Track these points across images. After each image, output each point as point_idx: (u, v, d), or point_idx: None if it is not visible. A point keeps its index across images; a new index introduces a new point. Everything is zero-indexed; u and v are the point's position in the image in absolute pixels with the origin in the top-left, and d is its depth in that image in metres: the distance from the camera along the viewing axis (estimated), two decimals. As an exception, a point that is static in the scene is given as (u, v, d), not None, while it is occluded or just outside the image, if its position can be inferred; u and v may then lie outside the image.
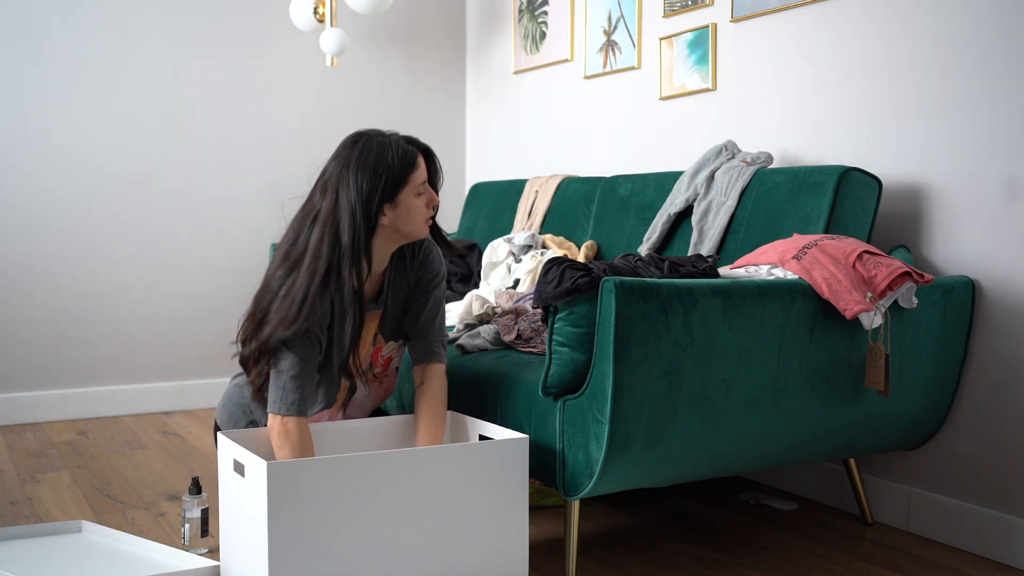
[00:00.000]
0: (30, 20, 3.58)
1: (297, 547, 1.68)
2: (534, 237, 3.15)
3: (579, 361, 1.89)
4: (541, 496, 2.55)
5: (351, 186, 1.96)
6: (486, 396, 2.17)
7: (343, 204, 1.96)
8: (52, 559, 2.10)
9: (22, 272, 3.60)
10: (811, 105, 2.66)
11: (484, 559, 1.85)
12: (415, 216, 2.03)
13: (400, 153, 2.00)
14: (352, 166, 1.97)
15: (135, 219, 3.78)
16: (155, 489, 2.71)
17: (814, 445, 2.12)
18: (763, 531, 2.38)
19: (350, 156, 1.99)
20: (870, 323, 1.98)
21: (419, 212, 2.03)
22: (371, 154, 1.99)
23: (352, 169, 1.97)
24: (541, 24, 3.83)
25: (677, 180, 2.75)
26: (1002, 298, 2.20)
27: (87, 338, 3.71)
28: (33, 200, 3.61)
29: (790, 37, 2.72)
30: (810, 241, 2.08)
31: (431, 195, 2.06)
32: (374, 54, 4.24)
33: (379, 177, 1.97)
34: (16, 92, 3.56)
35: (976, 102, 2.24)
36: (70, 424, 3.61)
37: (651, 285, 1.80)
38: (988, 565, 2.17)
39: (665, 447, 1.87)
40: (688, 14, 3.08)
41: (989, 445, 2.23)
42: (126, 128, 3.75)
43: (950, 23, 2.30)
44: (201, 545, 2.19)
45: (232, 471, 1.84)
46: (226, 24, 3.92)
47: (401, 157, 2.00)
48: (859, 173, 2.32)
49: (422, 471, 1.78)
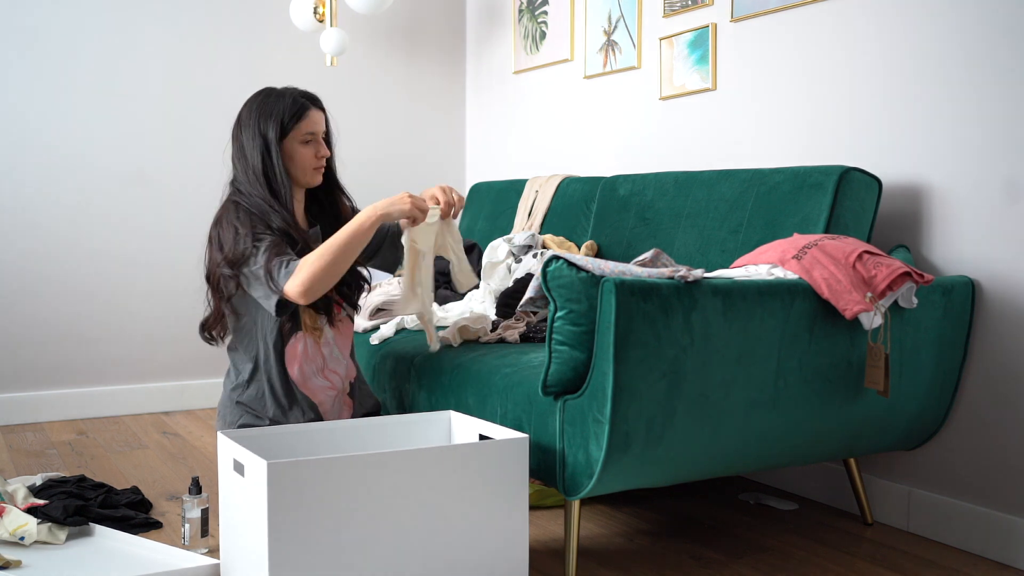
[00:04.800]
0: (30, 20, 3.58)
1: (297, 547, 1.68)
2: (534, 237, 3.15)
3: (579, 360, 1.89)
4: (541, 496, 2.55)
5: (250, 126, 2.23)
6: (486, 396, 2.17)
7: (246, 144, 2.23)
8: (53, 558, 2.10)
9: (22, 272, 3.60)
10: (811, 105, 2.66)
11: (484, 559, 1.85)
12: (300, 162, 2.25)
13: (290, 102, 2.24)
14: (252, 112, 2.24)
15: (135, 219, 3.78)
16: (155, 489, 2.71)
17: (814, 445, 2.12)
18: (763, 531, 2.38)
19: (251, 104, 2.27)
20: (870, 323, 1.98)
21: (305, 159, 2.25)
22: (268, 100, 2.25)
23: (251, 114, 2.24)
24: (541, 24, 3.83)
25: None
26: (1002, 298, 2.20)
27: (87, 338, 3.71)
28: (33, 200, 3.61)
29: (790, 37, 2.72)
30: (810, 241, 2.08)
31: (319, 145, 2.27)
32: (374, 54, 4.24)
33: (270, 119, 2.22)
34: (16, 92, 3.56)
35: (977, 102, 2.24)
36: (70, 424, 3.61)
37: (651, 285, 1.80)
38: (988, 565, 2.17)
39: (665, 447, 1.87)
40: (688, 14, 3.08)
41: (989, 445, 2.23)
42: (126, 128, 3.75)
43: (950, 23, 2.30)
44: (201, 545, 2.19)
45: (232, 471, 1.84)
46: (226, 24, 3.92)
47: (290, 105, 2.24)
48: (859, 173, 2.32)
49: (422, 471, 1.78)
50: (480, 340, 2.53)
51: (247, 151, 2.23)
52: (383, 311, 3.00)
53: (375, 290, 3.06)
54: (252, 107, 2.26)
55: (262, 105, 2.25)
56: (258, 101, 2.27)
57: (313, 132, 2.26)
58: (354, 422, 2.09)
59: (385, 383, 2.62)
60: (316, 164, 2.28)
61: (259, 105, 2.26)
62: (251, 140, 2.23)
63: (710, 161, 2.99)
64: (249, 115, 2.25)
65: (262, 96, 2.28)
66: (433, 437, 2.15)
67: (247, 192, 2.23)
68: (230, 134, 2.31)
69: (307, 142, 2.25)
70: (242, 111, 2.28)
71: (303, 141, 2.25)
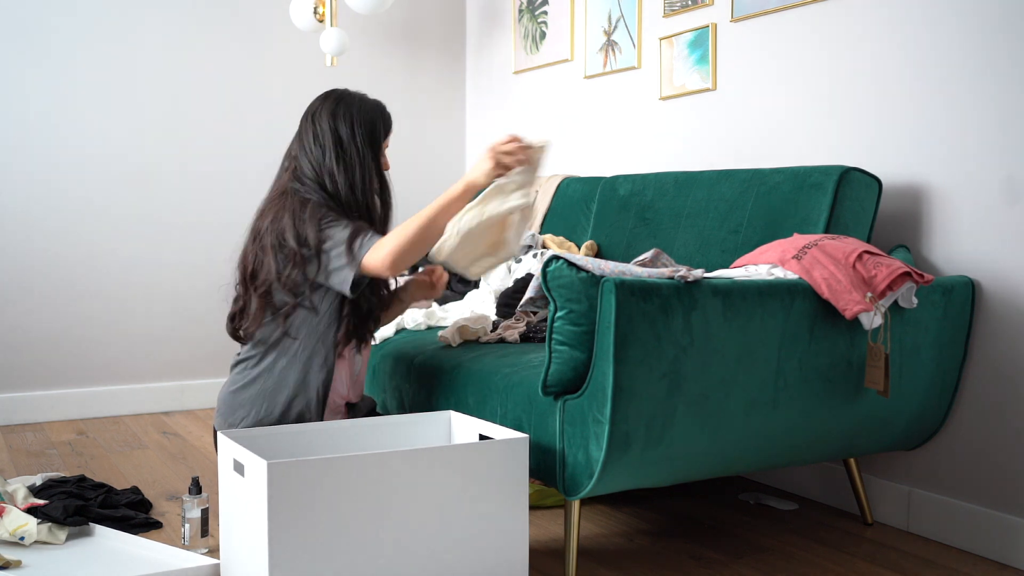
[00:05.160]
0: (30, 21, 3.58)
1: (297, 547, 1.68)
2: (534, 237, 3.15)
3: (579, 360, 1.89)
4: (541, 496, 2.55)
5: (356, 136, 2.16)
6: (486, 396, 2.17)
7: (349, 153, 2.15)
8: (53, 558, 2.10)
9: (22, 272, 3.60)
10: (811, 105, 2.66)
11: (484, 559, 1.85)
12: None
13: (384, 110, 2.23)
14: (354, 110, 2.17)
15: (135, 219, 3.78)
16: (155, 489, 2.71)
17: (814, 445, 2.12)
18: (763, 531, 2.38)
19: (345, 102, 2.19)
20: (870, 323, 1.98)
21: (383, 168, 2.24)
22: (366, 104, 2.20)
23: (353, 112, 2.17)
24: (541, 24, 3.83)
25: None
26: (1002, 298, 2.20)
27: (87, 338, 3.71)
28: (33, 201, 3.61)
29: (790, 37, 2.72)
30: (810, 241, 2.08)
31: (387, 160, 2.26)
32: (374, 54, 4.24)
33: (378, 124, 2.19)
34: (16, 93, 3.56)
35: (977, 102, 2.24)
36: (70, 424, 3.61)
37: (651, 285, 1.80)
38: (988, 565, 2.17)
39: (665, 447, 1.87)
40: (688, 14, 3.08)
41: (989, 445, 2.23)
42: (126, 128, 3.75)
43: (950, 23, 2.30)
44: (201, 545, 2.19)
45: (232, 471, 1.84)
46: (226, 24, 3.92)
47: (386, 115, 2.23)
48: (859, 173, 2.32)
49: (422, 471, 1.78)
50: (480, 340, 2.53)
51: (350, 161, 2.15)
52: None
53: None
54: (351, 106, 2.17)
55: (361, 107, 2.18)
56: (355, 103, 2.19)
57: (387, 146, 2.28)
58: (354, 422, 2.09)
59: (385, 383, 2.62)
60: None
61: (359, 107, 2.18)
62: (356, 150, 2.15)
63: (710, 161, 2.99)
64: (351, 125, 2.16)
65: (357, 99, 2.20)
66: (433, 437, 2.15)
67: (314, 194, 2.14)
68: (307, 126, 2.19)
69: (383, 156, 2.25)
70: (335, 107, 2.17)
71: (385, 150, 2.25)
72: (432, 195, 4.36)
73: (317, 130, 2.17)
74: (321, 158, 2.16)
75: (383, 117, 2.22)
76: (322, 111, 2.18)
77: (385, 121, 2.22)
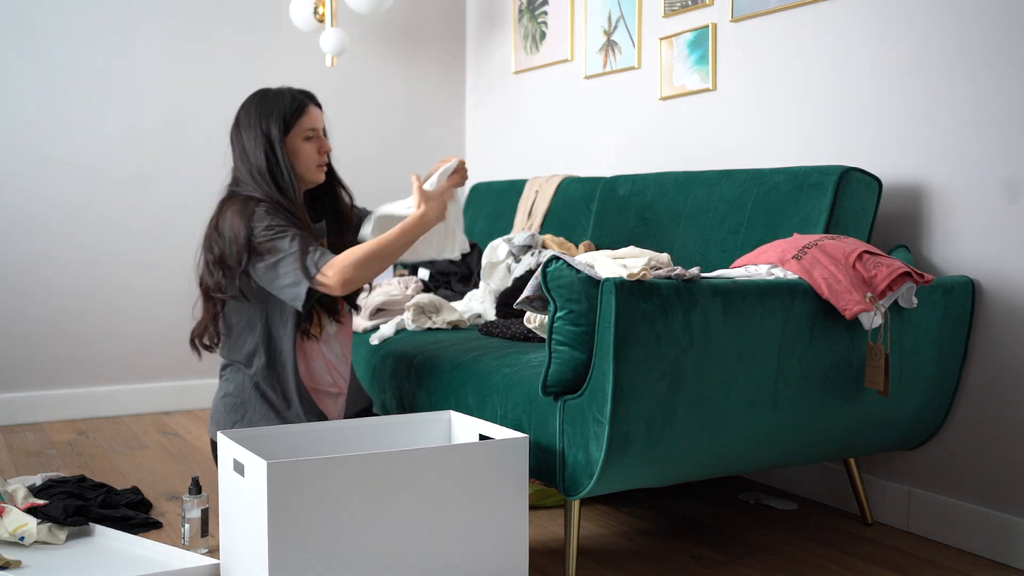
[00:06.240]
0: (27, 23, 3.58)
1: (297, 547, 1.68)
2: (534, 237, 3.15)
3: (579, 360, 1.89)
4: (541, 496, 2.55)
5: (250, 126, 2.23)
6: (486, 396, 2.17)
7: (247, 145, 2.22)
8: (53, 558, 2.10)
9: (22, 273, 3.60)
10: (811, 105, 2.66)
11: (484, 559, 1.85)
12: (304, 159, 2.26)
13: (289, 99, 2.26)
14: (252, 113, 2.25)
15: (134, 220, 3.78)
16: (155, 489, 2.71)
17: (814, 445, 2.12)
18: (763, 531, 2.38)
19: (249, 105, 2.27)
20: (870, 323, 1.98)
21: (309, 156, 2.27)
22: (266, 99, 2.25)
23: (250, 114, 2.24)
24: (541, 24, 3.83)
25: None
26: (1002, 298, 2.20)
27: (87, 338, 3.71)
28: (33, 201, 3.61)
29: (790, 37, 2.72)
30: (810, 241, 2.08)
31: (322, 141, 2.29)
32: (374, 54, 4.24)
33: (271, 117, 2.22)
34: (14, 94, 3.56)
35: (977, 102, 2.24)
36: (70, 424, 3.61)
37: (651, 285, 1.80)
38: (988, 565, 2.17)
39: (665, 447, 1.87)
40: (688, 14, 3.08)
41: (989, 445, 2.23)
42: (125, 129, 3.75)
43: (950, 23, 2.30)
44: (201, 545, 2.19)
45: (232, 471, 1.84)
46: (226, 24, 3.92)
47: (290, 102, 2.25)
48: (859, 173, 2.32)
49: (422, 471, 1.78)
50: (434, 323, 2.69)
51: (250, 152, 2.23)
52: (383, 311, 3.00)
53: (375, 290, 3.06)
54: (251, 108, 2.26)
55: (261, 105, 2.25)
56: (256, 101, 2.27)
57: (314, 128, 2.28)
58: (354, 422, 2.09)
59: (385, 383, 2.62)
60: (320, 161, 2.29)
61: (257, 105, 2.25)
62: (253, 140, 2.22)
63: (710, 161, 2.99)
64: (248, 116, 2.25)
65: (259, 96, 2.28)
66: (433, 437, 2.15)
67: (253, 193, 2.22)
68: (228, 138, 2.31)
69: (309, 138, 2.27)
70: (239, 113, 2.28)
71: (305, 138, 2.26)
72: (432, 195, 4.36)
73: (234, 144, 2.29)
74: (235, 161, 2.29)
75: (281, 106, 2.24)
76: (234, 122, 2.30)
77: (285, 109, 2.24)
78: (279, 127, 2.22)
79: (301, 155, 2.26)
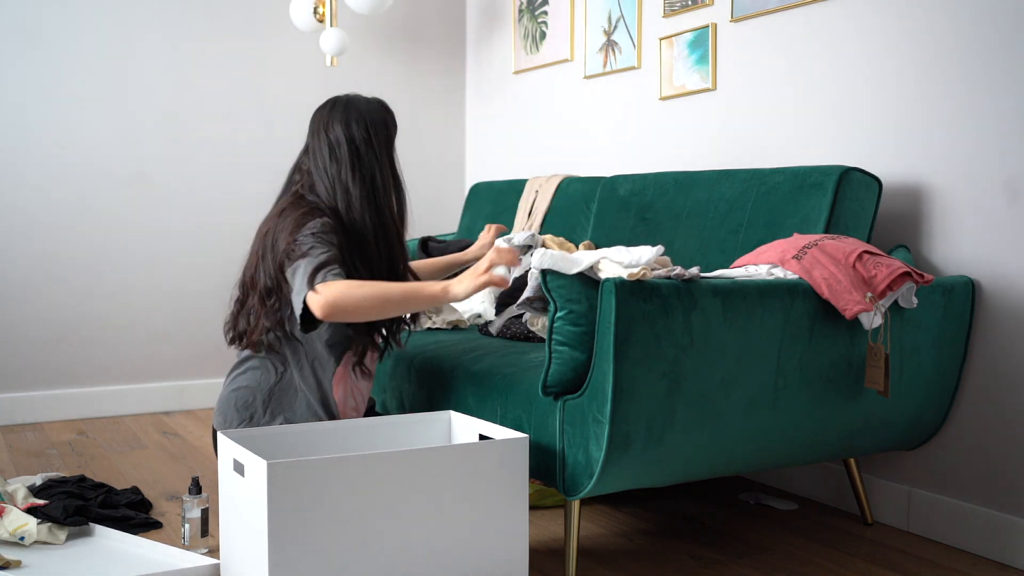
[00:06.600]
0: (28, 20, 3.58)
1: (297, 547, 1.68)
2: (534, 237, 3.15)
3: (579, 360, 1.89)
4: (541, 496, 2.55)
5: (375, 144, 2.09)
6: (486, 396, 2.17)
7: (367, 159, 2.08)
8: (53, 558, 2.10)
9: (22, 272, 3.60)
10: (811, 105, 2.66)
11: (484, 559, 1.85)
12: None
13: (389, 108, 2.18)
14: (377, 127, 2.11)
15: (135, 219, 3.78)
16: (155, 489, 2.71)
17: (814, 445, 2.12)
18: (763, 531, 2.38)
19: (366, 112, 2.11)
20: (870, 323, 1.98)
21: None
22: (372, 105, 2.14)
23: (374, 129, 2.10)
24: (541, 24, 3.83)
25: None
26: (1002, 298, 2.20)
27: (87, 338, 3.71)
28: (33, 200, 3.61)
29: (790, 37, 2.72)
30: (810, 241, 2.08)
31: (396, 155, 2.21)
32: (374, 54, 4.24)
33: (388, 122, 2.14)
34: (14, 93, 3.56)
35: (976, 102, 2.24)
36: (70, 424, 3.61)
37: (651, 285, 1.80)
38: (988, 565, 2.17)
39: (665, 447, 1.87)
40: (688, 14, 3.08)
41: (989, 445, 2.23)
42: (125, 128, 3.75)
43: (950, 23, 2.30)
44: (201, 545, 2.19)
45: (232, 471, 1.84)
46: (226, 24, 3.92)
47: (391, 112, 2.18)
48: (859, 173, 2.32)
49: (422, 471, 1.78)
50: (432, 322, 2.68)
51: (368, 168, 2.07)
52: None
53: None
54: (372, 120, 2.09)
55: (385, 122, 2.11)
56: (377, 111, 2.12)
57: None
58: (354, 422, 2.09)
59: (385, 383, 2.62)
60: None
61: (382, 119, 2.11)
62: (375, 160, 2.08)
63: (710, 161, 2.99)
64: (367, 130, 2.08)
65: (379, 108, 2.13)
66: (433, 437, 2.15)
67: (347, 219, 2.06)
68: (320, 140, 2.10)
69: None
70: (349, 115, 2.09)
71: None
72: (431, 194, 4.37)
73: (332, 142, 2.08)
74: (337, 173, 2.08)
75: (390, 114, 2.17)
76: (333, 120, 2.10)
77: (393, 118, 2.18)
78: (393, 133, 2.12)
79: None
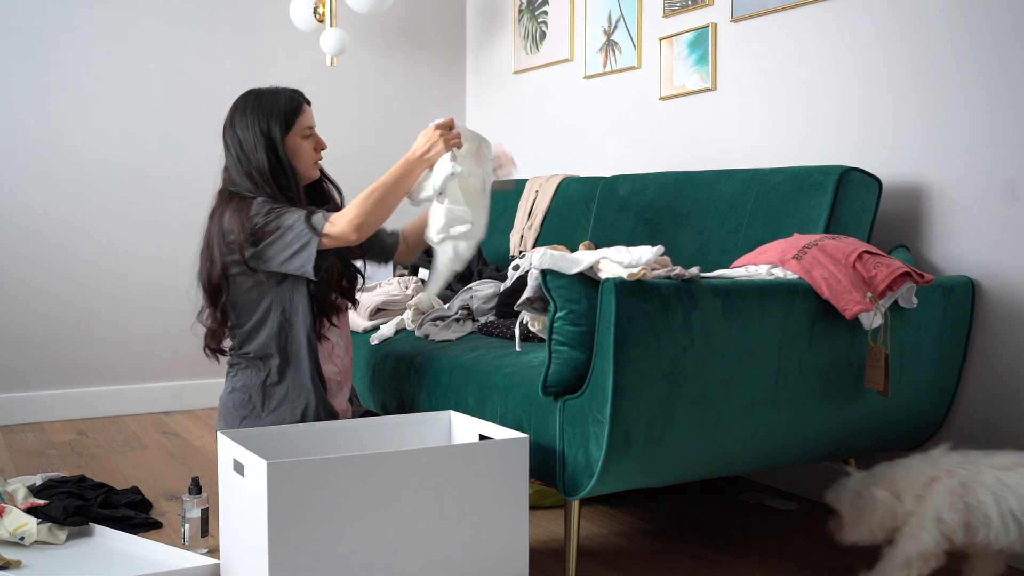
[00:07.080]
0: (28, 19, 3.58)
1: (297, 547, 1.68)
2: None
3: (579, 360, 1.89)
4: (541, 496, 2.55)
5: (248, 126, 2.23)
6: (486, 396, 2.17)
7: (246, 145, 2.21)
8: (53, 558, 2.10)
9: (22, 272, 3.60)
10: (811, 105, 2.66)
11: (484, 559, 1.85)
12: (303, 157, 2.27)
13: (287, 99, 2.26)
14: (248, 113, 2.23)
15: (135, 218, 3.78)
16: (155, 489, 2.71)
17: (814, 445, 2.12)
18: (763, 531, 2.38)
19: (243, 106, 2.25)
20: (870, 323, 1.98)
21: (308, 153, 2.28)
22: (262, 99, 2.25)
23: (246, 115, 2.23)
24: (541, 24, 3.83)
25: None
26: (1002, 298, 2.20)
27: (87, 338, 3.71)
28: (32, 199, 3.61)
29: (790, 37, 2.72)
30: (810, 241, 2.08)
31: (318, 139, 2.30)
32: (374, 54, 4.24)
33: (272, 117, 2.22)
34: (14, 91, 3.56)
35: (976, 102, 2.24)
36: (70, 424, 3.61)
37: (651, 285, 1.80)
38: (988, 565, 2.17)
39: (665, 447, 1.87)
40: (688, 14, 3.08)
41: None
42: (125, 127, 3.75)
43: (950, 23, 2.30)
44: (201, 545, 2.19)
45: (232, 471, 1.84)
46: (226, 24, 3.92)
47: (287, 102, 2.25)
48: (859, 173, 2.32)
49: (422, 471, 1.78)
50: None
51: (248, 152, 2.22)
52: (383, 311, 3.00)
53: (375, 290, 3.06)
54: (246, 108, 2.25)
55: (257, 105, 2.25)
56: (251, 101, 2.26)
57: (311, 126, 2.29)
58: (354, 422, 2.09)
59: (385, 383, 2.62)
60: (316, 158, 2.31)
61: (253, 105, 2.25)
62: (253, 140, 2.22)
63: (710, 161, 2.99)
64: (244, 116, 2.24)
65: (253, 96, 2.27)
66: (433, 437, 2.15)
67: (249, 193, 2.21)
68: (222, 140, 2.30)
69: (307, 137, 2.28)
70: (233, 115, 2.27)
71: (303, 136, 2.27)
72: (432, 195, 4.36)
73: (229, 145, 2.27)
74: (231, 162, 2.27)
75: (279, 106, 2.24)
76: (227, 124, 2.28)
77: (283, 109, 2.24)
78: (280, 127, 2.23)
79: (301, 153, 2.27)
